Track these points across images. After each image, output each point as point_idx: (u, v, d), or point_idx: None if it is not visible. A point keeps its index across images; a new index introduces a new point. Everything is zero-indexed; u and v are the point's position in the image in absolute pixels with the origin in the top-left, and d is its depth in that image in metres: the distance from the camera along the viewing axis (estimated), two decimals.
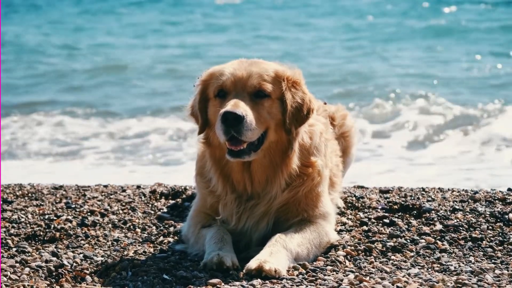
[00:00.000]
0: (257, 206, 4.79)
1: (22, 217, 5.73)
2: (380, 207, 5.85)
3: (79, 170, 11.33)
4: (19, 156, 12.58)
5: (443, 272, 4.46)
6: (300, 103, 4.73)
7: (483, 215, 5.52)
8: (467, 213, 5.58)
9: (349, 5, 31.65)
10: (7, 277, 4.28)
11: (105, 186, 7.04)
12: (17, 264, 4.53)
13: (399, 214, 5.69)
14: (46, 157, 12.50)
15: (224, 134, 4.49)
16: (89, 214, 5.92)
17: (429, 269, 4.53)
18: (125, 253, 4.94)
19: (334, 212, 5.20)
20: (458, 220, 5.43)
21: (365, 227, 5.37)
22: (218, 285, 4.15)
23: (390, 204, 5.90)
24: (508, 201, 5.88)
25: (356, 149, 6.29)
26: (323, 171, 4.92)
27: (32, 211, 5.94)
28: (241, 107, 4.48)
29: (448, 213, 5.58)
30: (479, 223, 5.37)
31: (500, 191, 6.30)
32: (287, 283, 4.19)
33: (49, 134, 13.89)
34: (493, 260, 4.70)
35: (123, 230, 5.54)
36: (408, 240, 5.06)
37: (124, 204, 6.24)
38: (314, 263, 4.62)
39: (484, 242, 5.04)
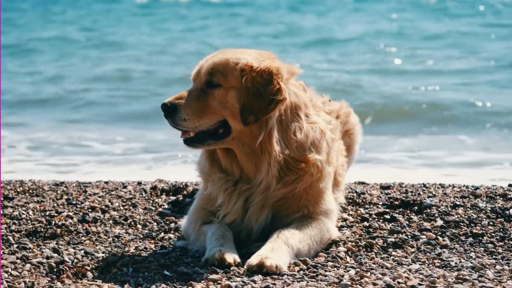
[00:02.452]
0: (254, 195, 4.77)
1: (23, 214, 5.74)
2: (381, 203, 5.85)
3: None
4: None
5: (444, 268, 4.46)
6: (261, 91, 4.61)
7: (484, 211, 5.52)
8: (468, 209, 5.58)
9: None
10: (8, 273, 4.28)
11: (106, 183, 7.05)
12: (18, 261, 4.53)
13: (400, 210, 5.70)
14: None
15: (169, 124, 4.66)
16: (90, 210, 5.93)
17: (430, 265, 4.53)
18: (126, 249, 4.94)
19: (337, 210, 5.17)
20: (459, 216, 5.43)
21: (366, 223, 5.37)
22: (219, 281, 4.15)
23: (391, 200, 5.90)
24: (509, 197, 5.88)
25: (359, 146, 6.29)
26: (323, 167, 4.87)
27: (33, 208, 5.95)
28: (176, 98, 4.62)
29: (449, 209, 5.58)
30: (480, 218, 5.37)
31: (501, 187, 6.31)
32: (288, 279, 4.20)
33: None
34: (494, 256, 4.70)
35: (124, 227, 5.54)
36: (409, 236, 5.06)
37: (125, 200, 6.24)
38: (315, 259, 4.62)
39: (485, 238, 5.04)
